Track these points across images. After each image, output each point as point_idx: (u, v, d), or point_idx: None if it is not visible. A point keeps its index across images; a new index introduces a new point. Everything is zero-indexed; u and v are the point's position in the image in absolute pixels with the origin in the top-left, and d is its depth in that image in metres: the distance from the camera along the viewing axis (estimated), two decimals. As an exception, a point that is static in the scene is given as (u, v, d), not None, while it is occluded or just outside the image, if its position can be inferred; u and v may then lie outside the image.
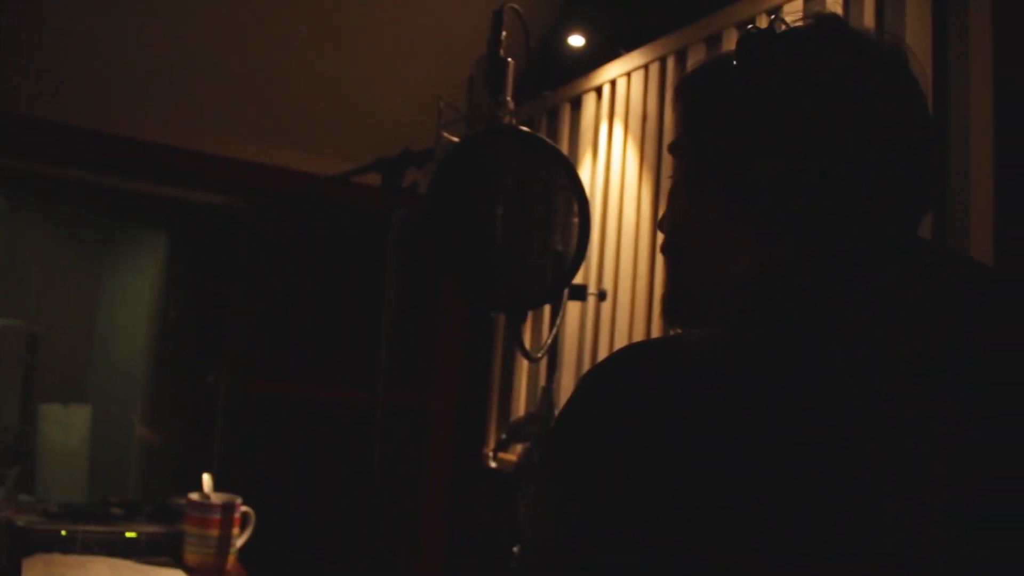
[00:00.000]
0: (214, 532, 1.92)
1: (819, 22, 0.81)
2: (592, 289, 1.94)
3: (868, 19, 1.94)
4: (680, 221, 0.88)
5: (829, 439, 0.62)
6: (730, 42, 2.33)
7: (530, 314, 2.94)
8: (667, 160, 2.53)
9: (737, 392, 0.64)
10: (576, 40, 3.10)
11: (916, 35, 1.82)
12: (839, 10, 1.90)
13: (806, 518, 0.60)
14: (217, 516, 1.92)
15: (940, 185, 0.83)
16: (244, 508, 2.01)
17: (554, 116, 3.14)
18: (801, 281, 0.73)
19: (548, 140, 1.38)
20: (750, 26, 0.84)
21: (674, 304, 0.92)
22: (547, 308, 2.62)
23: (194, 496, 1.95)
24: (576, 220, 1.33)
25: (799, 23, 0.82)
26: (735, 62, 0.82)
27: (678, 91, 0.90)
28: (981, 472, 0.64)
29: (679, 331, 0.89)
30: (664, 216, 0.93)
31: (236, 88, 3.10)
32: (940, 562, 0.61)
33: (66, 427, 4.27)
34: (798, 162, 0.75)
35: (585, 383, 0.71)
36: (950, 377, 0.67)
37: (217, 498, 1.96)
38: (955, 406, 0.66)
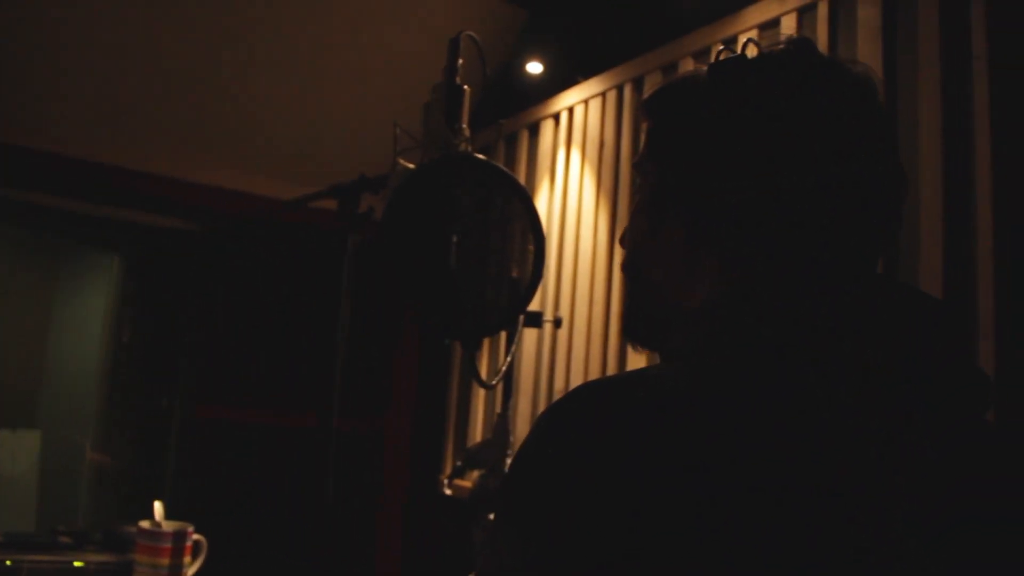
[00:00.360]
0: (165, 561, 1.88)
1: (791, 48, 0.81)
2: (548, 316, 1.94)
3: (821, 44, 1.97)
4: (639, 241, 0.88)
5: (799, 452, 0.63)
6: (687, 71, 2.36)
7: (486, 341, 2.94)
8: (624, 187, 2.55)
9: (703, 416, 0.63)
10: (534, 67, 3.12)
11: (866, 59, 1.85)
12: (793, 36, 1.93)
13: (776, 534, 0.60)
14: (168, 545, 1.89)
15: (901, 211, 0.84)
16: (196, 536, 1.97)
17: (512, 142, 3.15)
18: (771, 302, 0.73)
19: (503, 168, 1.38)
20: (722, 49, 0.84)
21: (633, 324, 0.92)
22: (503, 335, 2.62)
23: (145, 524, 1.92)
24: (531, 248, 1.33)
25: (771, 48, 0.82)
26: (707, 86, 0.81)
27: (645, 108, 0.89)
28: (943, 481, 0.65)
29: (639, 355, 0.89)
30: (624, 233, 0.92)
31: (193, 112, 3.08)
32: (905, 573, 0.62)
33: (14, 453, 4.18)
34: (770, 187, 0.75)
35: (540, 423, 0.70)
36: (911, 388, 0.68)
37: (168, 526, 1.93)
38: (916, 416, 0.67)
